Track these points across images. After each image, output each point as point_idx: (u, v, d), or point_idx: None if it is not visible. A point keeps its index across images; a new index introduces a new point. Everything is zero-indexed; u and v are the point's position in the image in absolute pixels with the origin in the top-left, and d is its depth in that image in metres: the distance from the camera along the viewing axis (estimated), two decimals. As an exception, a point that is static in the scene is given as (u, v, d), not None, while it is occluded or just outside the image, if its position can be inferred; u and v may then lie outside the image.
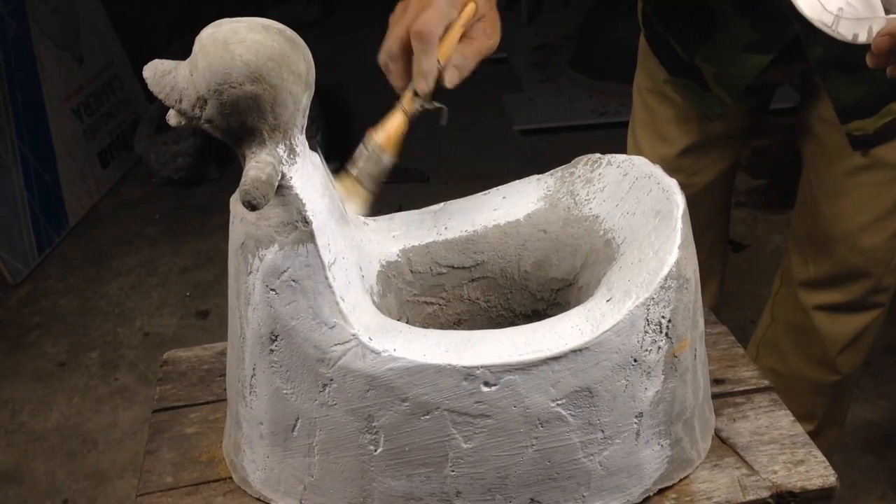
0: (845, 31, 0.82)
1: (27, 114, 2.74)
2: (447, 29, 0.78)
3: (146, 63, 0.68)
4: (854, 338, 1.28)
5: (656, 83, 1.24)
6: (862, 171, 1.14)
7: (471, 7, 0.80)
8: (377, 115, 0.81)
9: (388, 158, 0.81)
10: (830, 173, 1.17)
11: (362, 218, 0.83)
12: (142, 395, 2.13)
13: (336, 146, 3.05)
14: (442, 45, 0.78)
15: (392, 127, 0.81)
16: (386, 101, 0.82)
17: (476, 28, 0.81)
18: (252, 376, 0.74)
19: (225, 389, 0.92)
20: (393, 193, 2.87)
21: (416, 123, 0.82)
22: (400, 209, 0.87)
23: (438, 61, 0.78)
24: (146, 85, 0.67)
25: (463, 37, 0.80)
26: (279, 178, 0.66)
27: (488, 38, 0.81)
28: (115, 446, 1.99)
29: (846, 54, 0.98)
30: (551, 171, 0.87)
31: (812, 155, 1.20)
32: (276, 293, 0.70)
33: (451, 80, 0.80)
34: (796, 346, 1.32)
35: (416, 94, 0.80)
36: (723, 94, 1.12)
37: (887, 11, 0.78)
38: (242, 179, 0.64)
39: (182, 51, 0.72)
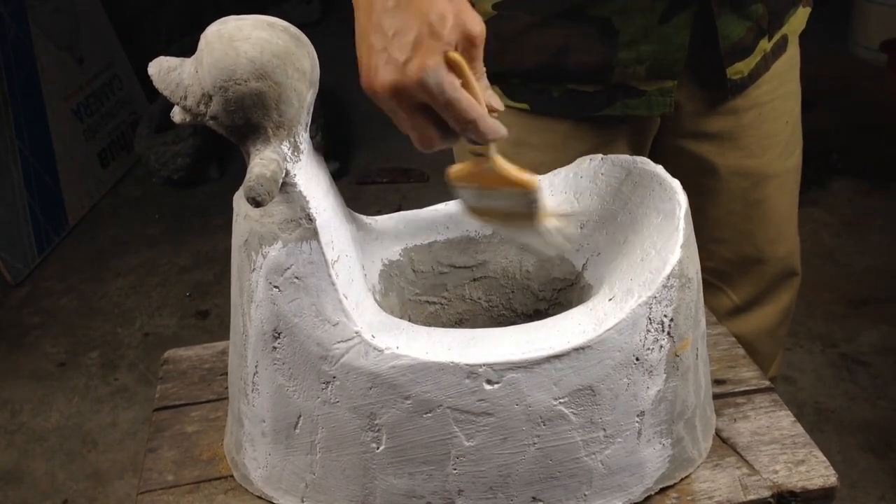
0: None
1: (27, 114, 2.74)
2: None
3: (146, 63, 0.68)
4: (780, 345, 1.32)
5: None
6: (751, 191, 1.15)
7: None
8: (377, 114, 0.78)
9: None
10: (722, 205, 1.17)
11: (365, 217, 0.83)
12: (141, 395, 2.13)
13: (336, 146, 3.06)
14: None
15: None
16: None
17: None
18: (254, 374, 0.74)
19: (226, 388, 0.92)
20: (393, 193, 2.87)
21: None
22: (400, 209, 0.88)
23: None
24: (146, 85, 0.67)
25: None
26: (283, 175, 0.66)
27: None
28: (115, 446, 1.99)
29: None
30: (554, 171, 0.87)
31: (697, 200, 1.18)
32: (280, 290, 0.70)
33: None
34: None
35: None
36: (662, 84, 1.05)
37: None
38: (247, 176, 0.64)
39: (182, 51, 0.72)
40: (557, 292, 0.86)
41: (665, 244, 0.73)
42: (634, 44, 1.01)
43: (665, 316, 0.71)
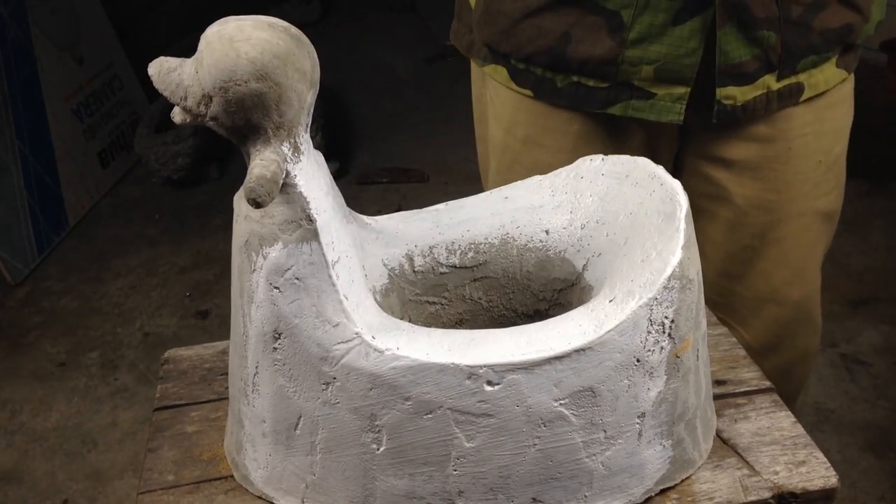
0: None
1: (27, 114, 2.74)
2: None
3: (146, 63, 0.68)
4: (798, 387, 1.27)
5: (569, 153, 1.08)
6: (771, 227, 1.10)
7: None
8: (377, 114, 0.78)
9: None
10: (738, 239, 1.12)
11: (365, 217, 0.83)
12: (141, 395, 2.13)
13: (336, 146, 3.06)
14: None
15: None
16: (386, 102, 0.79)
17: None
18: (255, 374, 0.74)
19: (226, 388, 0.92)
20: (393, 193, 2.87)
21: (417, 124, 0.77)
22: (399, 209, 0.87)
23: None
24: (146, 85, 0.67)
25: None
26: (284, 175, 0.66)
27: None
28: (115, 446, 1.99)
29: (751, 4, 0.95)
30: (555, 172, 0.87)
31: (712, 230, 1.13)
32: (280, 291, 0.70)
33: None
34: None
35: None
36: (672, 89, 1.01)
37: None
38: (247, 177, 0.64)
39: (182, 51, 0.72)
40: (558, 293, 0.86)
41: (666, 245, 0.73)
42: (643, 42, 0.98)
43: (666, 317, 0.71)
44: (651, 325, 0.70)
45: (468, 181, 2.80)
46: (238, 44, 0.63)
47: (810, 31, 1.00)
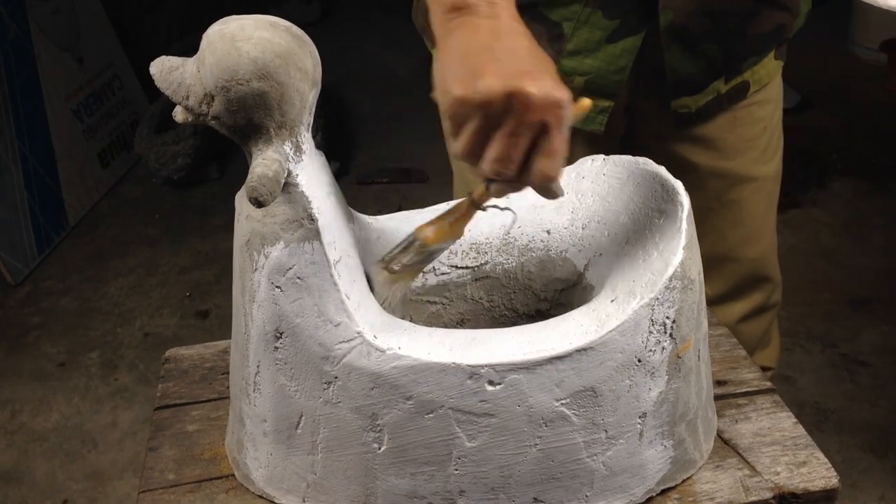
0: None
1: (27, 114, 2.74)
2: None
3: (146, 63, 0.68)
4: (761, 336, 1.31)
5: None
6: (726, 191, 1.16)
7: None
8: (377, 115, 0.78)
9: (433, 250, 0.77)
10: (698, 199, 1.16)
11: (366, 217, 0.83)
12: (141, 395, 2.13)
13: (336, 146, 3.06)
14: None
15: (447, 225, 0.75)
16: (386, 102, 0.79)
17: None
18: (256, 374, 0.74)
19: (227, 387, 0.92)
20: (393, 193, 2.87)
21: (417, 124, 0.77)
22: (400, 209, 0.87)
23: None
24: (146, 85, 0.67)
25: None
26: (286, 175, 0.66)
27: None
28: (115, 446, 1.99)
29: (689, 25, 1.01)
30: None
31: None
32: (282, 290, 0.70)
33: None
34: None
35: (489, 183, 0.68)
36: (598, 102, 1.06)
37: None
38: (249, 176, 0.64)
39: (182, 51, 0.72)
40: (559, 293, 0.86)
41: (667, 245, 0.73)
42: (579, 54, 1.04)
43: (667, 317, 0.71)
44: (652, 325, 0.70)
45: (468, 181, 2.80)
46: (240, 43, 0.63)
47: (747, 38, 1.07)
